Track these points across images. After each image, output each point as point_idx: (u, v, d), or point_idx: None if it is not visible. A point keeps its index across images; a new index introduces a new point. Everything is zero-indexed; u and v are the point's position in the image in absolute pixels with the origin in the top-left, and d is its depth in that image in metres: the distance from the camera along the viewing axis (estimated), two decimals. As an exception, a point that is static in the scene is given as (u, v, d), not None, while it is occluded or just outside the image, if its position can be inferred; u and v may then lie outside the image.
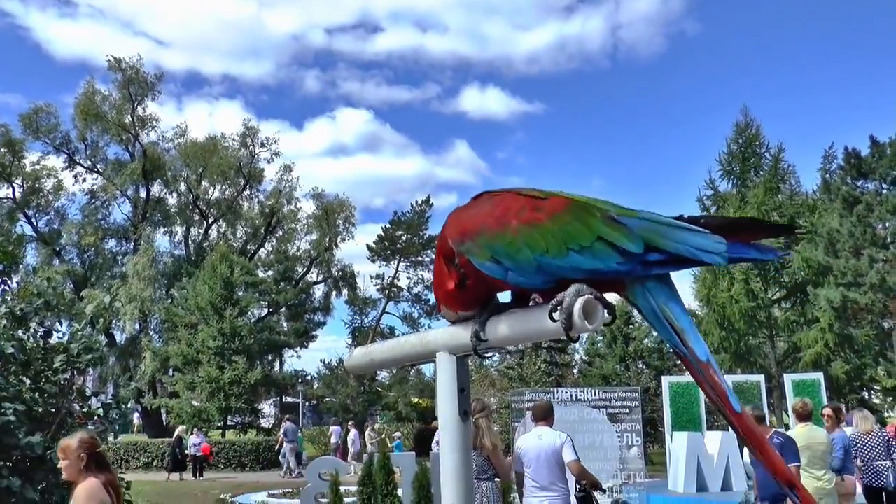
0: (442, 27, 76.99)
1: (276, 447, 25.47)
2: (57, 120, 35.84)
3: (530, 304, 1.74)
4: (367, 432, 26.82)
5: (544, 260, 1.60)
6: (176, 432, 24.69)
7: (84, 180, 37.08)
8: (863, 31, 70.23)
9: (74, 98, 35.86)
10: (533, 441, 6.80)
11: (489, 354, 1.75)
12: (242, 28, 68.22)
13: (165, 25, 63.04)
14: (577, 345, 32.30)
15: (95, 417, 7.13)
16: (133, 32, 63.73)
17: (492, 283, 1.72)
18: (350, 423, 27.10)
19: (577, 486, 7.85)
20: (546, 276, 1.61)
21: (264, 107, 68.36)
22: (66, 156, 36.56)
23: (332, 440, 26.78)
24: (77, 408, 6.63)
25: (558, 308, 1.40)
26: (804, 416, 7.49)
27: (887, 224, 20.48)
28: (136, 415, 39.65)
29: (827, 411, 8.71)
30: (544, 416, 6.99)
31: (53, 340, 6.96)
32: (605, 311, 1.40)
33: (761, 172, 25.67)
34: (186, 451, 24.09)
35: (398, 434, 26.02)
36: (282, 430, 24.81)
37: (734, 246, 1.62)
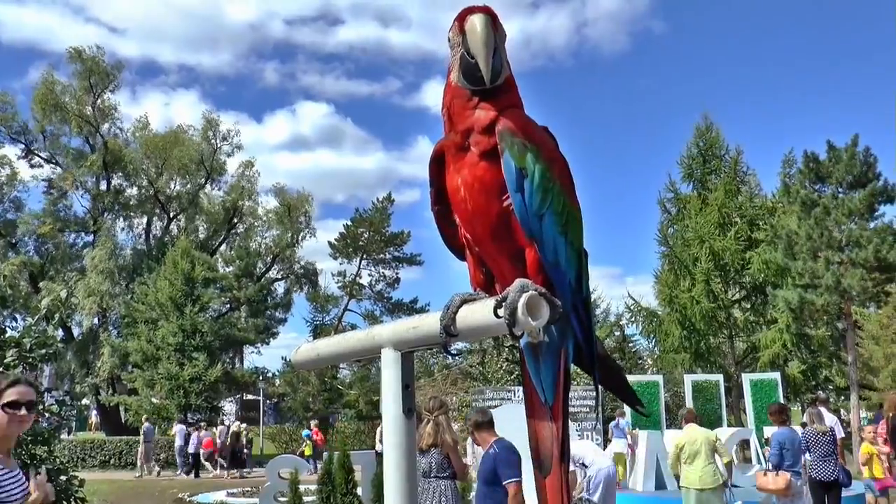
0: (405, 21, 76.79)
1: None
2: (14, 109, 35.13)
3: (475, 291, 1.71)
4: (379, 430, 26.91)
5: (549, 213, 1.56)
6: (231, 429, 24.25)
7: (42, 167, 36.45)
8: (824, 38, 71.52)
9: (29, 85, 35.36)
10: None
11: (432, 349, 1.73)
12: (199, 16, 67.25)
13: (118, 12, 61.15)
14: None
15: (48, 414, 6.99)
16: (84, 19, 62.38)
17: (476, 203, 1.61)
18: (203, 424, 26.70)
19: None
20: (534, 224, 1.55)
21: (222, 98, 67.44)
22: (22, 146, 35.85)
23: (177, 442, 24.19)
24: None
25: (503, 304, 1.37)
26: (690, 419, 9.36)
27: (843, 227, 20.80)
28: (94, 412, 39.00)
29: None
30: None
31: (6, 334, 6.81)
32: (550, 308, 1.37)
33: (721, 175, 25.99)
34: (244, 448, 24.31)
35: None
36: (142, 431, 24.26)
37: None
